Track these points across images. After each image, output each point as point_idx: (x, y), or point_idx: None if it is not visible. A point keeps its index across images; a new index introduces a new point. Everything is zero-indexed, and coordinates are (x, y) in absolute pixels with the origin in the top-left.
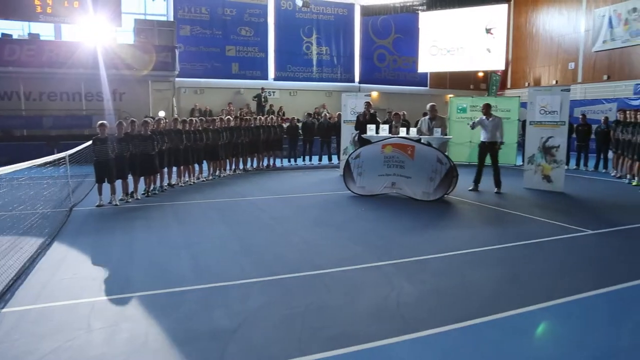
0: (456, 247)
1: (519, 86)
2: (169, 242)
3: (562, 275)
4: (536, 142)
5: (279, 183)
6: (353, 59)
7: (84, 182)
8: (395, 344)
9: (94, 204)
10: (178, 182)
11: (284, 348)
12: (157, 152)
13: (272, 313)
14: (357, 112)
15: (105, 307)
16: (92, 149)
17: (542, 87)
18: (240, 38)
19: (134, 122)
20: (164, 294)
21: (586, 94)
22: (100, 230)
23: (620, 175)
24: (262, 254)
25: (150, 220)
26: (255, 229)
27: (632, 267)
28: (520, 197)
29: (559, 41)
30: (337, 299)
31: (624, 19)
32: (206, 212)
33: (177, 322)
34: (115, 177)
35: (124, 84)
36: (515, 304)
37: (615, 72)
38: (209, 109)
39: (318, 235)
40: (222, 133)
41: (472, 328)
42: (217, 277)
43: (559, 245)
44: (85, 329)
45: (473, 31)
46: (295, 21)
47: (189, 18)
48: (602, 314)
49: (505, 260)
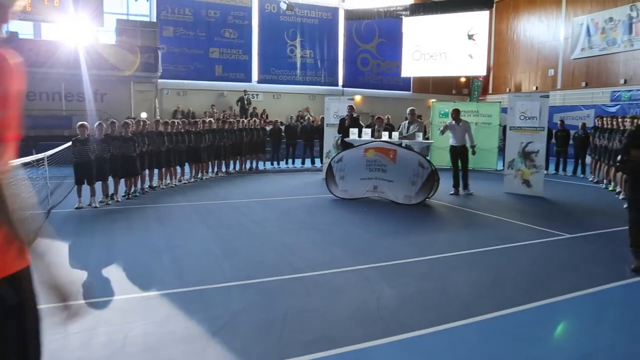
0: (437, 250)
1: (501, 92)
2: (150, 245)
3: (540, 278)
4: (516, 147)
5: (262, 186)
6: (337, 63)
7: (63, 183)
8: (375, 347)
9: (73, 206)
10: (159, 185)
11: (263, 352)
12: (138, 154)
13: (252, 317)
14: (340, 115)
15: (82, 311)
16: (71, 150)
17: (522, 92)
18: (224, 40)
19: (114, 123)
20: (143, 297)
21: (565, 100)
22: (79, 232)
23: (597, 180)
24: (243, 257)
25: (130, 222)
26: (237, 232)
27: (607, 270)
28: (500, 201)
29: (539, 48)
30: (318, 302)
31: (601, 28)
32: (188, 215)
33: (156, 326)
34: (95, 178)
35: (105, 85)
36: (494, 307)
37: (593, 79)
38: (192, 111)
39: (299, 238)
40: (205, 135)
41: (452, 331)
42: (198, 281)
43: (538, 249)
44: (62, 333)
45: (455, 37)
46: (279, 24)
47: (172, 19)
48: (578, 316)
49: (485, 264)
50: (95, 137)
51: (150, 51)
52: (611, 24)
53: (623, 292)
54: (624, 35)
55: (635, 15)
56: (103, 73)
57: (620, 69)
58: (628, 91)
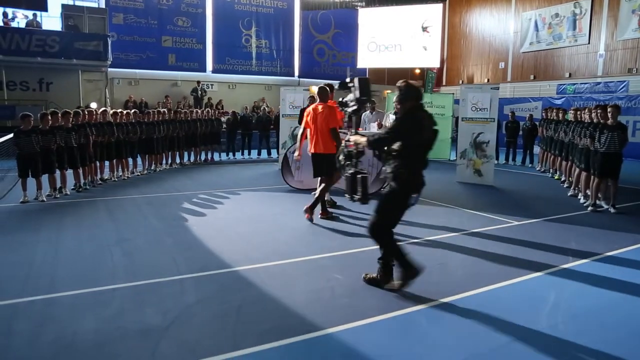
0: None
1: (454, 83)
2: (100, 239)
3: (487, 264)
4: (468, 137)
5: (217, 177)
6: (293, 53)
7: (5, 177)
8: (329, 335)
9: (18, 200)
10: (111, 177)
11: (217, 343)
12: (83, 145)
13: (206, 309)
14: (297, 106)
15: (28, 308)
16: (14, 142)
17: (474, 85)
18: (177, 28)
19: (55, 112)
20: (93, 292)
21: (515, 93)
22: (24, 227)
23: (544, 170)
24: (197, 249)
25: (79, 216)
26: (191, 223)
27: (549, 256)
28: (452, 190)
29: (491, 41)
30: (273, 292)
31: (547, 23)
32: (140, 208)
33: (106, 321)
34: (41, 171)
35: (51, 73)
36: (442, 293)
37: (540, 72)
38: (144, 101)
39: (254, 229)
40: (158, 126)
41: (402, 317)
42: (150, 274)
43: (486, 236)
44: (6, 332)
45: (410, 29)
46: (234, 13)
47: (122, 6)
48: (521, 300)
49: (435, 251)
50: (39, 128)
51: (98, 39)
52: (557, 19)
53: (565, 275)
54: (568, 31)
55: (578, 12)
56: (48, 61)
57: (565, 63)
58: (572, 84)
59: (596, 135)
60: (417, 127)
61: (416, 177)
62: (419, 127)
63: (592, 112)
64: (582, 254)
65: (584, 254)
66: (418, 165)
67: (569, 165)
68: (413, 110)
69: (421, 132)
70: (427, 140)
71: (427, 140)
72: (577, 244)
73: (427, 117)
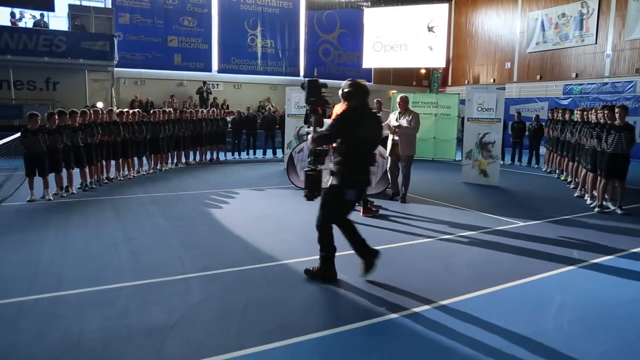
0: (394, 239)
1: (459, 84)
2: (106, 238)
3: (492, 265)
4: (474, 138)
5: (222, 177)
6: (298, 53)
7: (13, 176)
8: (333, 335)
9: (25, 199)
10: (117, 176)
11: (221, 342)
12: (91, 145)
13: (211, 308)
14: (302, 106)
15: (35, 306)
16: (21, 141)
17: (480, 85)
18: (183, 28)
19: (62, 112)
20: (99, 291)
21: (521, 93)
22: (31, 226)
23: (550, 170)
24: (203, 248)
25: (86, 215)
26: (196, 223)
27: (555, 257)
28: (457, 190)
29: (497, 41)
30: (278, 292)
31: (554, 23)
32: (146, 207)
33: (112, 320)
34: (48, 170)
35: (57, 73)
36: (448, 293)
37: (546, 72)
38: (150, 101)
39: (260, 229)
40: (164, 126)
41: (407, 317)
42: (156, 273)
43: (491, 236)
44: (12, 331)
45: (416, 29)
46: (239, 13)
47: (129, 6)
48: (527, 300)
49: (440, 252)
50: (46, 127)
51: (105, 38)
52: (564, 19)
53: (572, 276)
54: (575, 31)
55: (585, 12)
56: (55, 60)
57: (572, 63)
58: (579, 85)
59: (603, 135)
60: (355, 124)
61: (356, 173)
62: (357, 124)
63: (599, 113)
64: (588, 256)
65: (590, 255)
66: (359, 162)
67: (576, 166)
68: (355, 108)
69: (358, 128)
70: (368, 137)
71: (368, 138)
72: (583, 245)
73: (367, 115)
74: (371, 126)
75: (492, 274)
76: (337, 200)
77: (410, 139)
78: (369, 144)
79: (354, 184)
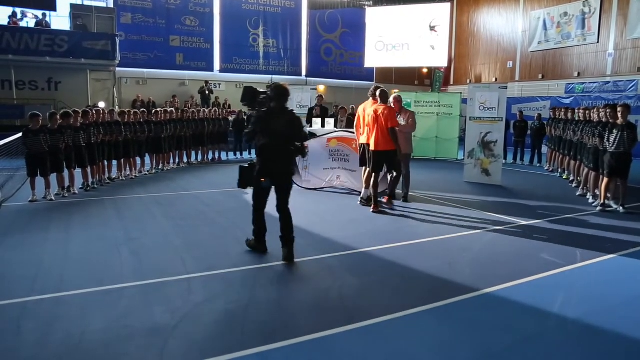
0: (397, 239)
1: (461, 83)
2: (108, 238)
3: (494, 264)
4: (476, 137)
5: (224, 177)
6: (300, 53)
7: (14, 176)
8: (337, 335)
9: (27, 199)
10: (119, 176)
11: (225, 342)
12: (94, 144)
13: (214, 308)
14: (304, 105)
15: (37, 307)
16: (22, 141)
17: (482, 84)
18: (185, 28)
19: (67, 113)
20: (102, 291)
21: (523, 92)
22: (32, 226)
23: (552, 170)
24: (205, 248)
25: (88, 215)
26: (199, 223)
27: (557, 256)
28: (460, 190)
29: (499, 40)
30: (280, 292)
31: (556, 22)
32: (148, 207)
33: (114, 320)
34: (49, 170)
35: (59, 73)
36: (450, 292)
37: (549, 71)
38: (152, 100)
39: None
40: (166, 125)
41: (411, 316)
42: (158, 273)
43: (494, 236)
44: (15, 331)
45: (418, 28)
46: (241, 12)
47: (131, 5)
48: (527, 300)
49: (443, 251)
50: (48, 127)
51: (107, 38)
52: (566, 18)
53: (574, 276)
54: (577, 30)
55: (587, 11)
56: (57, 60)
57: (574, 62)
58: (581, 84)
59: (605, 134)
60: (262, 121)
61: (267, 164)
62: (265, 121)
63: (601, 112)
64: (591, 255)
65: (592, 254)
66: (271, 153)
67: (578, 164)
68: (271, 107)
69: (263, 124)
70: (278, 132)
71: (278, 133)
72: (585, 245)
73: (278, 113)
74: (280, 124)
75: (495, 273)
76: (257, 189)
77: (407, 137)
78: (279, 139)
79: (267, 173)
